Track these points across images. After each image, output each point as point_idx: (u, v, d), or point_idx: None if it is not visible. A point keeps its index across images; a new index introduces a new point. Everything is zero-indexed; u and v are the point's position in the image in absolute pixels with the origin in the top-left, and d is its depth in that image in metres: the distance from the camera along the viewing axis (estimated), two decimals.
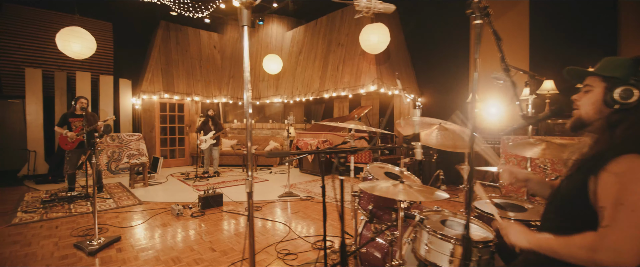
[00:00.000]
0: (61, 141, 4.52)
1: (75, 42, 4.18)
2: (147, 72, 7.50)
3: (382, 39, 4.44)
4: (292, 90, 8.30)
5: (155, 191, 5.13)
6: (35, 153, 6.17)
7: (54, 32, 7.37)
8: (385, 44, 4.50)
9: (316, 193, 4.96)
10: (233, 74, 8.95)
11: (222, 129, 6.61)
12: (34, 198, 4.53)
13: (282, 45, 8.94)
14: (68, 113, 4.60)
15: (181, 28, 8.29)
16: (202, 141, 6.47)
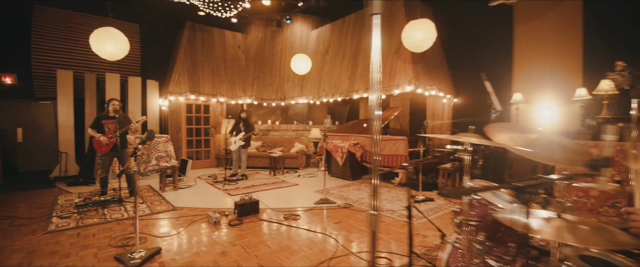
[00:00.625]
0: (95, 143, 4.43)
1: (109, 42, 4.08)
2: (173, 73, 7.43)
3: (428, 36, 4.12)
4: (318, 91, 8.06)
5: (186, 195, 4.99)
6: (66, 155, 6.18)
7: (84, 34, 7.42)
8: (430, 41, 4.18)
9: (353, 200, 4.69)
10: (257, 74, 8.79)
11: (253, 130, 6.43)
12: (68, 202, 4.46)
13: (307, 45, 8.71)
14: (101, 115, 4.51)
15: (206, 28, 8.19)
16: (231, 141, 6.31)
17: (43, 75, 6.82)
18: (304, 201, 4.64)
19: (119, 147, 4.50)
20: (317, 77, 8.13)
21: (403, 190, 5.40)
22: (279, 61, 8.74)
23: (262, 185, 5.74)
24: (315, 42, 8.51)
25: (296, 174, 7.02)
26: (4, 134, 6.81)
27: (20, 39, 6.72)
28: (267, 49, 8.83)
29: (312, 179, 6.37)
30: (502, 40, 5.94)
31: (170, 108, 7.44)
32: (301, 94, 8.51)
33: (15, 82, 6.78)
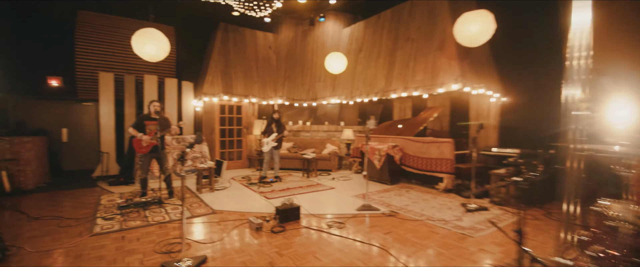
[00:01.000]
0: (136, 144, 4.44)
1: (150, 43, 4.04)
2: (208, 74, 7.45)
3: (485, 29, 3.73)
4: (351, 90, 7.78)
5: (222, 197, 4.90)
6: (107, 155, 6.34)
7: (124, 37, 7.63)
8: (488, 34, 3.78)
9: (397, 207, 4.37)
10: (288, 74, 8.66)
11: (283, 132, 6.28)
12: (110, 202, 4.50)
13: (338, 43, 8.46)
14: (144, 116, 4.52)
15: (239, 29, 8.17)
16: (264, 143, 6.20)
17: (86, 77, 7.07)
18: (345, 207, 4.38)
19: (159, 149, 4.48)
20: (350, 77, 7.85)
21: (449, 196, 5.00)
22: (310, 61, 8.56)
23: (297, 188, 5.55)
24: (347, 41, 8.24)
25: (329, 176, 6.79)
26: (51, 134, 7.12)
27: (66, 43, 7.00)
28: (298, 48, 8.67)
29: (347, 183, 6.10)
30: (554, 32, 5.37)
31: (204, 109, 7.47)
32: (333, 93, 8.27)
33: (61, 85, 7.08)
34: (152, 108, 4.50)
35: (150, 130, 4.47)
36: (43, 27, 6.86)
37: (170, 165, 6.09)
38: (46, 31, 6.91)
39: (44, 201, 4.59)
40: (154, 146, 4.47)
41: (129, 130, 4.42)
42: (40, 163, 5.84)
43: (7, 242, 2.90)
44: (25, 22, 6.66)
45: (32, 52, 6.80)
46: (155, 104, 4.51)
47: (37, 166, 5.63)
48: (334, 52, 6.45)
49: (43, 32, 6.89)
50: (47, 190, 5.33)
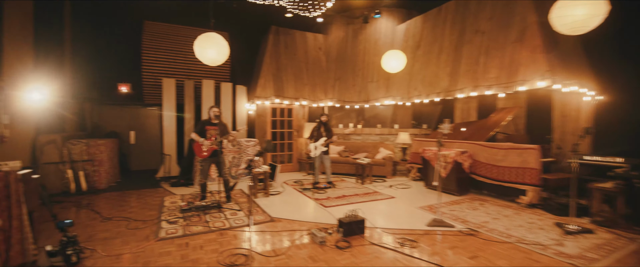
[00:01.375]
0: (196, 148, 4.46)
1: (211, 48, 4.02)
2: (260, 78, 7.48)
3: (595, 11, 3.04)
4: (408, 90, 7.24)
5: (278, 203, 4.74)
6: (169, 157, 6.62)
7: (184, 45, 7.98)
8: (599, 18, 3.08)
9: (474, 223, 3.79)
10: (339, 75, 8.38)
11: (333, 136, 5.98)
12: (173, 204, 4.58)
13: (392, 41, 7.96)
14: (205, 121, 4.54)
15: (289, 32, 8.10)
16: (312, 148, 5.96)
17: (151, 84, 7.52)
18: (412, 221, 3.92)
19: (218, 153, 4.46)
20: (406, 76, 7.31)
21: (536, 213, 4.26)
22: (361, 61, 8.18)
23: (353, 196, 5.20)
24: (402, 38, 7.71)
25: (385, 183, 6.32)
26: (121, 136, 7.69)
27: (134, 52, 7.52)
28: (348, 48, 8.35)
29: (408, 192, 5.60)
30: None
31: (257, 112, 7.50)
32: (387, 94, 7.79)
33: (129, 91, 7.61)
34: (212, 113, 4.50)
35: (211, 135, 4.47)
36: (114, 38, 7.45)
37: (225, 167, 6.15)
38: (117, 42, 7.49)
39: (115, 201, 4.84)
40: (213, 150, 4.46)
41: (192, 136, 4.46)
42: (112, 164, 6.26)
43: (82, 244, 2.98)
44: (99, 35, 7.28)
45: (106, 63, 7.40)
46: (215, 110, 4.51)
47: (109, 167, 6.04)
48: (391, 50, 6.00)
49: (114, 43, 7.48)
50: (117, 189, 5.67)
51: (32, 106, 4.68)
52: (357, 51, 8.24)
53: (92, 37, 7.09)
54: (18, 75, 4.50)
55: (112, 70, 7.45)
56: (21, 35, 4.65)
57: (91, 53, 6.99)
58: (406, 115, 8.47)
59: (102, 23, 7.35)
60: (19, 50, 4.59)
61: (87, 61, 6.90)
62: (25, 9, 4.80)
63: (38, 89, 4.60)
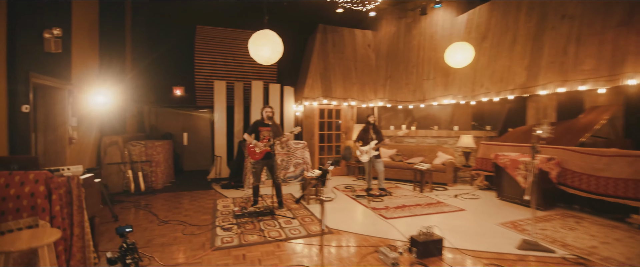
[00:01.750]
0: (250, 151, 4.28)
1: (266, 45, 3.79)
2: (308, 78, 7.22)
3: None
4: (472, 88, 6.46)
5: (332, 211, 4.38)
6: (220, 158, 6.63)
7: (234, 47, 8.05)
8: None
9: (582, 249, 3.06)
10: (390, 73, 7.82)
11: (383, 139, 5.47)
12: (225, 208, 4.45)
13: (451, 34, 7.20)
14: (258, 121, 4.35)
15: (337, 30, 7.75)
16: (362, 151, 5.51)
17: (203, 86, 7.66)
18: (495, 241, 3.29)
19: (271, 156, 4.23)
20: (469, 72, 6.54)
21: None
22: (415, 57, 7.54)
23: (414, 206, 4.66)
24: (464, 30, 6.93)
25: (448, 192, 5.65)
26: (175, 138, 7.94)
27: (186, 56, 7.72)
28: (400, 44, 7.76)
29: (478, 203, 4.90)
30: None
31: (304, 113, 7.25)
32: (445, 93, 7.06)
33: (183, 94, 7.84)
34: (265, 114, 4.28)
35: (264, 137, 4.26)
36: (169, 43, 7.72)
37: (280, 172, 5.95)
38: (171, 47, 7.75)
39: (170, 202, 4.85)
40: (266, 152, 4.24)
41: (244, 137, 4.29)
42: (167, 164, 6.42)
43: (140, 249, 2.88)
44: (155, 40, 7.58)
45: (162, 66, 7.69)
46: (268, 110, 4.29)
47: (165, 167, 6.18)
48: (456, 43, 5.35)
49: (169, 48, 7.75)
50: (172, 190, 5.76)
51: (97, 109, 4.87)
52: (411, 47, 7.62)
53: (149, 42, 7.40)
54: (84, 79, 4.71)
55: (167, 74, 7.73)
56: (88, 38, 4.87)
57: (148, 57, 7.30)
58: (464, 115, 7.63)
59: (157, 28, 7.65)
60: (86, 54, 4.81)
61: (145, 65, 7.21)
62: (91, 9, 5.02)
63: (102, 92, 4.77)
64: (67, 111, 4.28)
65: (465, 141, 6.49)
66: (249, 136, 4.27)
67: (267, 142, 4.20)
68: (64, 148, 4.27)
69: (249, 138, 4.25)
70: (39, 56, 3.64)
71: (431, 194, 5.48)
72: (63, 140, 4.26)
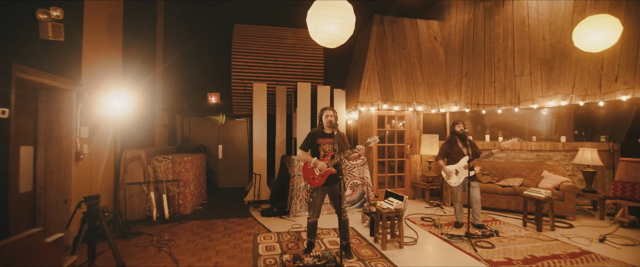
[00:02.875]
0: (306, 172, 2.99)
1: (332, 16, 2.53)
2: (364, 78, 5.91)
3: None
4: (598, 83, 4.71)
5: (424, 262, 2.92)
6: (259, 177, 5.46)
7: (274, 46, 6.96)
8: None
9: None
10: (467, 70, 6.25)
11: (480, 154, 3.94)
12: (270, 254, 3.18)
13: (551, 18, 5.52)
14: (317, 132, 3.07)
15: (396, 20, 6.41)
16: (450, 172, 3.99)
17: (240, 91, 6.66)
18: None
19: (337, 179, 2.92)
20: (590, 62, 4.81)
21: None
22: (502, 48, 5.92)
23: (550, 258, 3.04)
24: (573, 10, 5.23)
25: (574, 228, 3.91)
26: (209, 151, 6.97)
27: (223, 58, 6.81)
28: (479, 33, 6.19)
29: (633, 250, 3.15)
30: None
31: (359, 122, 5.91)
32: (548, 92, 5.34)
33: (218, 101, 6.90)
34: (326, 119, 3.01)
35: (325, 153, 2.97)
36: (204, 44, 6.86)
37: None
38: (207, 48, 6.90)
39: (198, 238, 3.71)
40: (330, 175, 2.94)
41: (299, 155, 3.03)
42: (198, 183, 5.39)
43: None
44: (189, 41, 6.76)
45: (196, 70, 6.83)
46: (330, 114, 3.01)
47: (195, 187, 5.14)
48: (593, 16, 3.72)
49: (204, 49, 6.89)
50: (202, 216, 4.66)
51: (115, 116, 3.92)
52: (495, 36, 6.01)
53: (182, 43, 6.59)
54: (100, 79, 3.78)
55: (202, 78, 6.86)
56: (108, 30, 3.99)
57: (182, 59, 6.46)
58: (561, 122, 5.79)
59: (192, 28, 6.85)
60: (103, 49, 3.91)
61: (178, 68, 6.37)
62: (113, 8, 4.18)
63: (123, 96, 3.81)
64: (74, 119, 3.34)
65: (587, 156, 4.70)
66: (305, 152, 3.01)
67: (330, 159, 2.90)
68: (69, 166, 3.31)
69: (305, 155, 2.98)
70: (30, 44, 2.70)
71: (556, 234, 3.79)
72: (68, 155, 3.32)
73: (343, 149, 2.95)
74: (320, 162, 2.87)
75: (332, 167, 2.90)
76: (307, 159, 2.95)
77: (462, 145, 4.09)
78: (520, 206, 4.73)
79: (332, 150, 2.96)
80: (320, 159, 2.95)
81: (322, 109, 3.08)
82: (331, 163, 2.90)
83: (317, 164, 2.87)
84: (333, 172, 2.93)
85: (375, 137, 2.92)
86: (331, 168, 2.91)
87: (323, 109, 3.07)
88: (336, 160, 2.82)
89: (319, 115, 3.08)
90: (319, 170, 2.90)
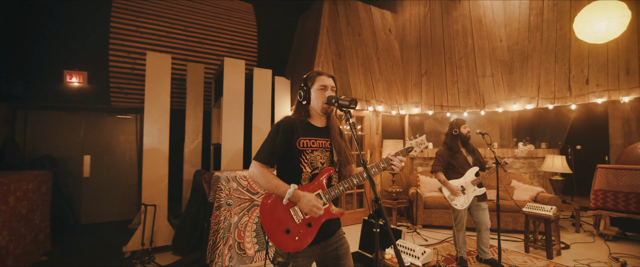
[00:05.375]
0: (270, 217, 1.27)
1: None
2: (316, 66, 4.47)
3: None
4: (567, 86, 4.43)
5: None
6: (154, 209, 3.27)
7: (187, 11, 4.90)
8: None
9: None
10: (426, 69, 5.50)
11: (485, 164, 3.03)
12: None
13: (505, 20, 5.25)
14: (295, 122, 1.39)
15: (350, 2, 5.24)
16: (457, 190, 2.90)
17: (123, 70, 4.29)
18: None
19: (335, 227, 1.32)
20: (555, 65, 4.54)
21: None
22: (462, 46, 5.38)
23: None
24: (529, 13, 5.01)
25: (574, 250, 3.29)
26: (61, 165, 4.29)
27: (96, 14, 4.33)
28: (437, 30, 5.56)
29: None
30: None
31: None
32: (511, 95, 4.95)
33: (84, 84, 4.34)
34: (319, 94, 1.42)
35: (316, 169, 1.34)
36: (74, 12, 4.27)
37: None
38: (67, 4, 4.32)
39: None
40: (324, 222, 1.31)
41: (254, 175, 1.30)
42: (30, 223, 2.90)
43: None
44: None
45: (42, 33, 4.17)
46: (327, 82, 1.44)
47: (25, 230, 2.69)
48: (597, 2, 3.20)
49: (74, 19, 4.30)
50: None
51: None
52: (453, 33, 5.44)
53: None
54: None
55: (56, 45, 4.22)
56: None
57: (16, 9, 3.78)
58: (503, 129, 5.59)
59: None
60: None
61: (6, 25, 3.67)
62: None
63: None
64: None
65: (558, 164, 4.33)
66: (266, 168, 1.30)
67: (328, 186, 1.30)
68: None
69: (267, 177, 1.28)
70: None
71: (567, 260, 3.05)
72: None
73: (346, 161, 1.41)
74: (306, 193, 1.23)
75: (330, 201, 1.30)
76: (271, 186, 1.25)
77: (466, 152, 3.02)
78: (507, 224, 4.01)
79: (329, 162, 1.37)
80: (305, 184, 1.30)
81: (311, 74, 1.45)
82: (332, 193, 1.29)
83: (301, 199, 1.21)
84: (335, 215, 1.32)
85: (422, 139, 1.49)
86: (330, 206, 1.29)
87: (313, 74, 1.45)
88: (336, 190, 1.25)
89: (303, 85, 1.45)
90: (305, 212, 1.24)
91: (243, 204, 2.88)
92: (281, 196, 1.25)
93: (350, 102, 1.29)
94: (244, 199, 2.88)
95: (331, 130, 1.47)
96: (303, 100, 1.44)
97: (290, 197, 1.23)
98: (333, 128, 1.47)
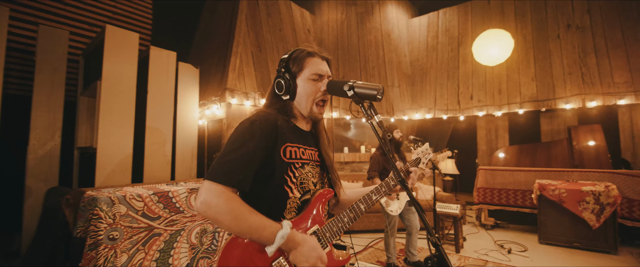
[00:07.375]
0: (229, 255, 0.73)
1: None
2: (233, 56, 3.81)
3: None
4: (456, 100, 5.18)
5: None
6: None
7: None
8: None
9: None
10: (344, 74, 5.55)
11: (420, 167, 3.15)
12: None
13: (408, 37, 5.90)
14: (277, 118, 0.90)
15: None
16: (393, 196, 2.92)
17: None
18: None
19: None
20: (448, 81, 5.27)
21: None
22: (374, 56, 5.68)
23: None
24: (428, 33, 5.74)
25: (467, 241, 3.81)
26: None
27: None
28: (353, 37, 5.72)
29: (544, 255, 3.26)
30: None
31: (227, 121, 3.66)
32: (414, 105, 5.51)
33: None
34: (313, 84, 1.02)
35: (307, 194, 0.91)
36: None
37: None
38: None
39: None
40: None
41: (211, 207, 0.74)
42: None
43: None
44: None
45: None
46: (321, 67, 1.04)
47: None
48: (490, 30, 3.82)
49: None
50: None
51: None
52: (367, 42, 5.70)
53: None
54: None
55: None
56: None
57: None
58: None
59: None
60: None
61: None
62: None
63: None
64: None
65: (449, 166, 5.03)
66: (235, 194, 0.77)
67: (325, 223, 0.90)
68: None
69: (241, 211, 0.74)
70: None
71: (469, 252, 3.46)
72: None
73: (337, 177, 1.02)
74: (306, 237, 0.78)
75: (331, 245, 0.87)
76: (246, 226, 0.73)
77: (399, 157, 3.03)
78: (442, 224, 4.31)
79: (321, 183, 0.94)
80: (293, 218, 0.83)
81: (297, 54, 0.97)
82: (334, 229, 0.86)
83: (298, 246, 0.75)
84: (340, 264, 0.87)
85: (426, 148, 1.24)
86: (332, 250, 0.86)
87: (301, 55, 0.98)
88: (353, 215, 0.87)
89: (283, 70, 0.97)
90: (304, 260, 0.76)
91: (136, 235, 1.98)
92: (263, 241, 0.74)
93: (377, 92, 0.88)
94: (138, 228, 1.99)
95: (319, 136, 1.03)
96: (284, 93, 0.95)
97: (282, 244, 0.73)
98: (320, 133, 1.04)
